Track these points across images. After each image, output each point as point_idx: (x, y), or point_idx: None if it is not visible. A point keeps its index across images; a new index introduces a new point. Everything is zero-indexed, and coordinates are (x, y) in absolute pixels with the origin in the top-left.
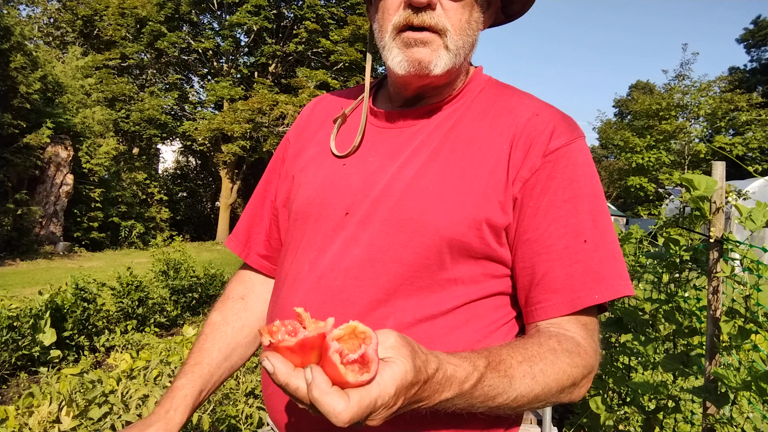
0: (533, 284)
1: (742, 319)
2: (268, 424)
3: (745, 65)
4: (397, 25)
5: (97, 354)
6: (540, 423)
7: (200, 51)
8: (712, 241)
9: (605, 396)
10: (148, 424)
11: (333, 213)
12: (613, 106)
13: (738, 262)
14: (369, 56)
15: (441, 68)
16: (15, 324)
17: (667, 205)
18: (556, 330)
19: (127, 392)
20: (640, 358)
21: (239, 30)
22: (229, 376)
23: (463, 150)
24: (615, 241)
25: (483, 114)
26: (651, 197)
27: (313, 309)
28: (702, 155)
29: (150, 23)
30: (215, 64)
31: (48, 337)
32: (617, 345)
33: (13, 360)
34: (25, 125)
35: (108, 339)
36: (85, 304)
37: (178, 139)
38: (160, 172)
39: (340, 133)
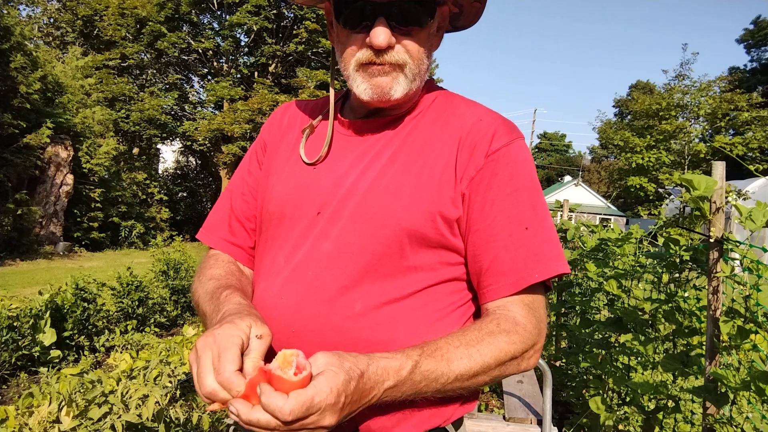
0: (483, 270)
1: (742, 319)
2: None
3: (745, 65)
4: (361, 61)
5: (97, 354)
6: (540, 423)
7: (200, 51)
8: (712, 241)
9: (605, 396)
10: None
11: (306, 213)
12: (613, 106)
13: (738, 262)
14: (332, 73)
15: (400, 93)
16: (15, 324)
17: (667, 205)
18: (500, 312)
19: (127, 392)
20: (640, 358)
21: (239, 30)
22: None
23: (419, 153)
24: (552, 228)
25: (435, 121)
26: (651, 197)
27: (289, 297)
28: (702, 155)
29: (150, 23)
30: (215, 64)
31: (48, 337)
32: (617, 345)
33: (13, 360)
34: (25, 125)
35: (108, 339)
36: (85, 304)
37: (178, 139)
38: (160, 172)
39: (309, 142)
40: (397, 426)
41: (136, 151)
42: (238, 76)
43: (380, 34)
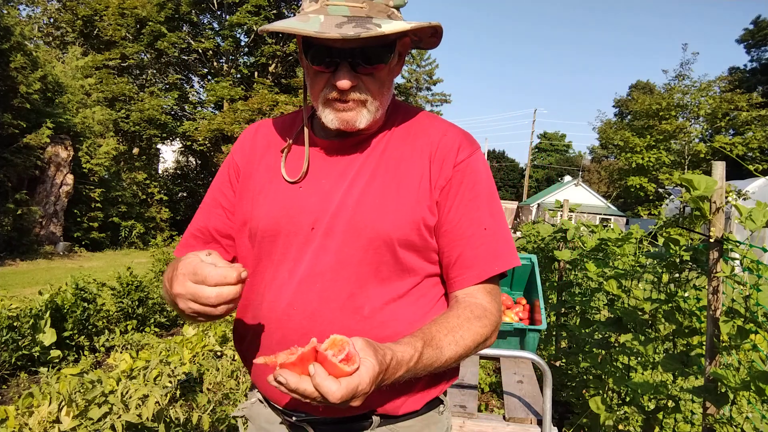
0: (451, 264)
1: (742, 319)
2: (249, 398)
3: (745, 65)
4: (327, 97)
5: (97, 354)
6: (540, 423)
7: (200, 51)
8: (712, 241)
9: (605, 396)
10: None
11: (300, 229)
12: (613, 106)
13: (738, 262)
14: (304, 95)
15: (364, 124)
16: (15, 324)
17: (667, 205)
18: (470, 300)
19: (127, 392)
20: (640, 358)
21: (239, 30)
22: None
23: (395, 169)
24: (507, 228)
25: (404, 139)
26: (651, 197)
27: (302, 308)
28: (702, 155)
29: (150, 23)
30: (215, 64)
31: (48, 337)
32: (617, 345)
33: (13, 360)
34: (25, 125)
35: (108, 339)
36: (85, 304)
37: (178, 139)
38: (160, 172)
39: (288, 161)
40: (405, 403)
41: (136, 151)
42: (238, 76)
43: (343, 79)
